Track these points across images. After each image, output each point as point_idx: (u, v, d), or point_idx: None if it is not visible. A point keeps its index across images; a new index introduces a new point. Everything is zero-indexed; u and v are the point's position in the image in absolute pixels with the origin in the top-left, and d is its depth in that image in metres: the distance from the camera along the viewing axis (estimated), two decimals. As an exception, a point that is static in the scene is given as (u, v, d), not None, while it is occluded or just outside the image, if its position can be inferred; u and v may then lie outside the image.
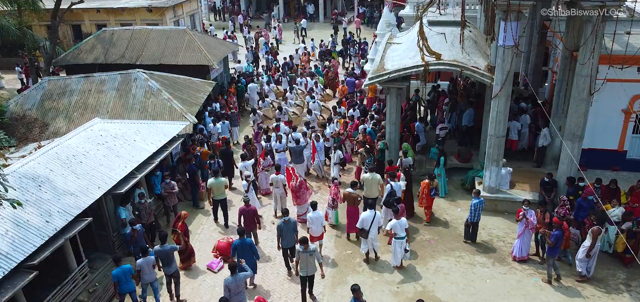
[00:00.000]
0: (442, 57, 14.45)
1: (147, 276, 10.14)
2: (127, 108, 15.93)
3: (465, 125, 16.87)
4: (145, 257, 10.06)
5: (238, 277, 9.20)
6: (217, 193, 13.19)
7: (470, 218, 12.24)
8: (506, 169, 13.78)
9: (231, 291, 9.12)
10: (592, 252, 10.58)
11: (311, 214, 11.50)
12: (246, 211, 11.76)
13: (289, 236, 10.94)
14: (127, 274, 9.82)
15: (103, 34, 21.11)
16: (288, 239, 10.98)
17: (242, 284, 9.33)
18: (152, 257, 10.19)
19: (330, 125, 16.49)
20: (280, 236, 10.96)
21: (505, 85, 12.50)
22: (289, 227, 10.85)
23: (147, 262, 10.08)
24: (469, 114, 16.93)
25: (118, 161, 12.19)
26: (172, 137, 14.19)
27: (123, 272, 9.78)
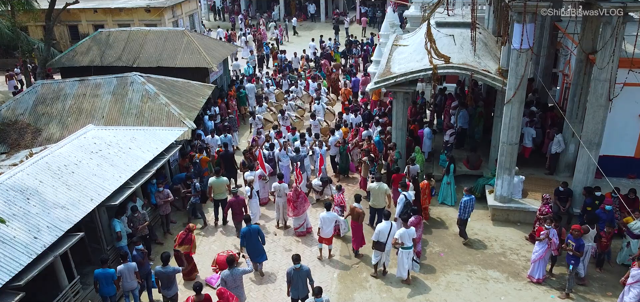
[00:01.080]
0: (451, 60, 13.87)
1: (128, 284, 9.89)
2: (123, 113, 15.33)
3: (461, 127, 16.50)
4: (126, 263, 9.86)
5: (235, 271, 9.21)
6: (218, 192, 13.08)
7: (460, 215, 12.22)
8: (518, 177, 13.18)
9: (228, 284, 9.00)
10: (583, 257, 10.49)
11: (323, 214, 11.25)
12: (235, 202, 12.03)
13: (300, 286, 9.46)
14: (109, 278, 9.75)
15: (99, 35, 20.50)
16: (299, 288, 9.50)
17: (240, 278, 9.39)
18: (133, 264, 9.96)
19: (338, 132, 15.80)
20: (289, 283, 9.58)
21: (519, 90, 11.90)
22: (301, 276, 9.38)
23: (128, 268, 9.84)
24: (464, 116, 16.53)
25: (112, 171, 11.59)
26: (169, 144, 13.60)
27: (104, 275, 9.73)
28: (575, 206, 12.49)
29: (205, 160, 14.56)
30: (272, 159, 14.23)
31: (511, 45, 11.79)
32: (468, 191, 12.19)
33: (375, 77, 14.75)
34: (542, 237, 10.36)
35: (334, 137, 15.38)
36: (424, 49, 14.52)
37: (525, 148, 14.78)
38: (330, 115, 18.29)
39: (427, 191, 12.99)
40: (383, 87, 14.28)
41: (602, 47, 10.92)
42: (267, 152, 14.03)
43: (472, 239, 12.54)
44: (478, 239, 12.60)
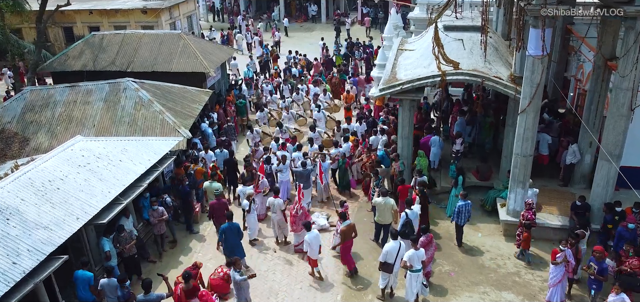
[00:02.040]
0: (461, 65, 13.14)
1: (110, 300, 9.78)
2: (115, 121, 14.61)
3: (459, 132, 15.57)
4: (109, 278, 9.72)
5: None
6: (212, 197, 12.55)
7: (456, 221, 11.97)
8: (532, 191, 12.42)
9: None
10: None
11: (308, 236, 10.55)
12: (217, 205, 11.89)
13: None
14: (85, 282, 9.59)
15: (92, 38, 19.77)
16: None
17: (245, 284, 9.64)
18: (115, 281, 9.73)
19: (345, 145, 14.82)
20: None
21: (534, 99, 11.17)
22: None
23: (110, 285, 9.69)
24: (461, 124, 15.85)
25: (101, 186, 10.86)
26: (163, 155, 12.87)
27: (82, 277, 9.61)
28: (593, 221, 11.77)
29: (200, 171, 13.81)
30: (270, 175, 13.36)
31: (526, 51, 11.07)
32: (463, 196, 11.81)
33: (381, 84, 14.02)
34: (558, 260, 9.61)
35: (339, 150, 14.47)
36: (431, 54, 13.80)
37: (541, 156, 14.02)
38: (332, 123, 17.45)
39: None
40: (389, 94, 13.55)
41: (624, 54, 10.19)
42: (266, 167, 13.16)
43: (483, 257, 11.82)
44: (490, 257, 11.87)
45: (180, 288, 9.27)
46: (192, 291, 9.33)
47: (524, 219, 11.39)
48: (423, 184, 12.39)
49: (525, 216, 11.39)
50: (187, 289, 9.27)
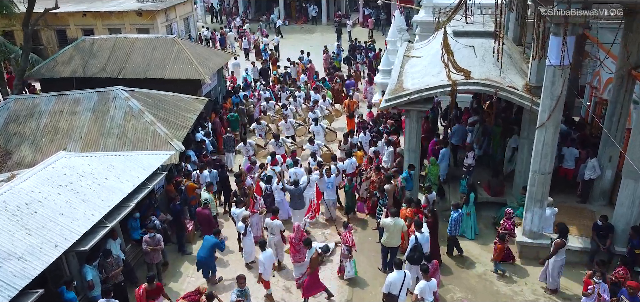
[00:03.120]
0: (472, 74, 12.26)
1: None
2: (104, 133, 13.73)
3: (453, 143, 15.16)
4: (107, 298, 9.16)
5: None
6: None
7: (450, 232, 11.51)
8: (551, 210, 11.56)
9: None
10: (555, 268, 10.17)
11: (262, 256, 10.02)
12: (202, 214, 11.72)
13: None
14: None
15: (82, 43, 18.88)
16: None
17: None
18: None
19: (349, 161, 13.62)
20: None
21: (555, 112, 10.29)
22: None
23: None
24: (459, 132, 15.13)
25: (84, 208, 9.98)
26: (153, 171, 11.99)
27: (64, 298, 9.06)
28: (617, 243, 10.90)
29: (192, 187, 12.92)
30: (269, 195, 12.30)
31: (546, 60, 10.18)
32: (455, 206, 11.40)
33: (386, 93, 13.12)
34: (589, 292, 8.74)
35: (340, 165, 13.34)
36: (440, 62, 12.93)
37: (564, 169, 13.15)
38: (332, 136, 16.43)
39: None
40: (395, 105, 12.67)
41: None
42: (263, 186, 12.21)
43: (497, 282, 10.94)
44: (505, 283, 10.99)
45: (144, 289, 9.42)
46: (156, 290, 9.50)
47: (501, 229, 11.14)
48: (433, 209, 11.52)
49: (503, 226, 11.16)
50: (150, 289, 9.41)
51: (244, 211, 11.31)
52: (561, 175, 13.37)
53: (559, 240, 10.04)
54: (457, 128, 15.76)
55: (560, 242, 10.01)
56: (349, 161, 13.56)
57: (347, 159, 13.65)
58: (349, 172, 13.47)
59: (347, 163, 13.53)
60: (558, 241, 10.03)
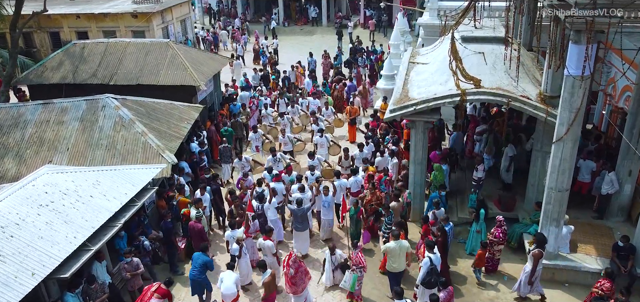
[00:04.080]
0: (483, 83, 11.53)
1: None
2: (92, 144, 13.00)
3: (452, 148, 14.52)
4: None
5: None
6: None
7: None
8: (567, 228, 10.83)
9: None
10: (534, 278, 9.84)
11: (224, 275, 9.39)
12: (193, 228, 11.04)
13: None
14: None
15: (73, 47, 18.13)
16: None
17: None
18: None
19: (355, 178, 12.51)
20: None
21: (574, 126, 9.54)
22: None
23: None
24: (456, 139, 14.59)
25: (65, 230, 9.24)
26: (143, 187, 11.25)
27: None
28: (638, 265, 10.16)
29: (184, 202, 12.17)
30: (262, 215, 11.39)
31: (564, 69, 9.43)
32: (445, 220, 10.78)
33: (391, 103, 12.39)
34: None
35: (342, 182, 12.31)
36: (448, 69, 12.20)
37: (579, 183, 12.41)
38: (336, 149, 15.52)
39: None
40: (401, 116, 11.93)
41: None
42: (255, 204, 11.37)
43: None
44: (520, 308, 10.27)
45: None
46: None
47: (493, 236, 10.76)
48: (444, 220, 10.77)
49: (493, 233, 10.78)
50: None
51: (238, 232, 10.55)
52: (575, 189, 12.63)
53: (537, 251, 9.68)
54: (456, 136, 14.97)
55: (538, 253, 9.66)
56: (353, 178, 12.49)
57: (352, 176, 12.60)
58: (354, 191, 12.43)
59: (351, 181, 12.46)
60: (536, 252, 9.67)
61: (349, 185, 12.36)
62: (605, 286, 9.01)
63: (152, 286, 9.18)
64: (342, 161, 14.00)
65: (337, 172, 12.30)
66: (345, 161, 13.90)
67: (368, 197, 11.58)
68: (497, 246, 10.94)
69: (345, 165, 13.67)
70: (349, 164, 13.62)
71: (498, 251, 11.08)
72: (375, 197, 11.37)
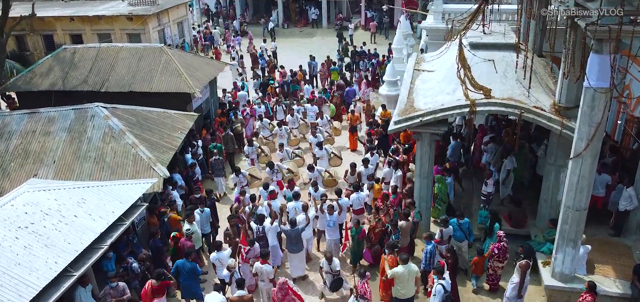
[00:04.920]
0: (493, 92, 10.86)
1: None
2: (79, 157, 12.33)
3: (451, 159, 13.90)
4: None
5: None
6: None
7: (425, 265, 10.18)
8: (584, 248, 10.16)
9: None
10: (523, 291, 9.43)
11: None
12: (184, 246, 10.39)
13: None
14: None
15: (62, 53, 17.45)
16: None
17: None
18: None
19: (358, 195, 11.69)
20: None
21: (594, 141, 8.87)
22: None
23: None
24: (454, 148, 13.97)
25: (45, 255, 8.55)
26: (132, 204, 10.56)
27: None
28: (662, 289, 9.49)
29: (175, 219, 11.49)
30: (262, 237, 10.54)
31: (584, 81, 8.75)
32: (427, 237, 10.20)
33: (395, 114, 11.71)
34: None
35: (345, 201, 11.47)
36: (456, 78, 11.53)
37: (595, 197, 11.72)
38: (336, 161, 14.77)
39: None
40: (406, 128, 11.25)
41: None
42: (255, 227, 10.68)
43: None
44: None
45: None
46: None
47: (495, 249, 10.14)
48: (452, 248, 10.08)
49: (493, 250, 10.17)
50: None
51: (224, 254, 9.84)
52: (590, 204, 11.92)
53: (524, 262, 9.33)
54: (454, 145, 14.23)
55: (525, 265, 9.30)
56: (356, 195, 11.65)
57: (353, 193, 11.80)
58: (356, 208, 11.68)
59: (353, 198, 11.63)
60: (523, 263, 9.32)
61: (351, 202, 11.60)
62: (587, 299, 8.78)
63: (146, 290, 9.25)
64: (347, 176, 13.08)
65: (339, 190, 11.51)
66: (350, 177, 12.95)
67: (372, 223, 10.77)
68: (496, 261, 10.29)
69: (351, 181, 12.82)
70: (355, 180, 12.79)
71: (499, 267, 10.41)
72: (380, 223, 10.58)
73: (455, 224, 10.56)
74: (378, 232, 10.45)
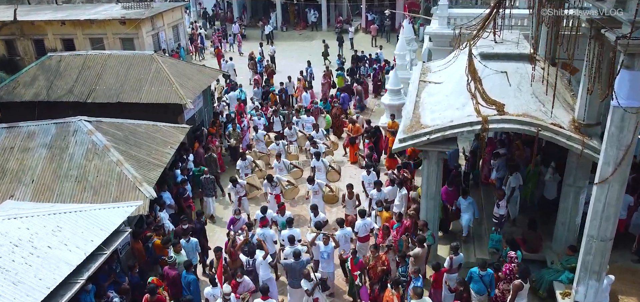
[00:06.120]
0: (507, 107, 9.98)
1: None
2: (60, 176, 11.47)
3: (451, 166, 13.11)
4: None
5: None
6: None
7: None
8: (608, 279, 9.27)
9: None
10: None
11: None
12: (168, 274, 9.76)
13: None
14: None
15: (48, 61, 16.58)
16: None
17: None
18: None
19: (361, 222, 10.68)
20: None
21: (622, 165, 7.98)
22: None
23: None
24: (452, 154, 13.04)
25: (13, 294, 7.68)
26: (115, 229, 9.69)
27: None
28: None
29: (160, 246, 10.60)
30: (252, 272, 9.62)
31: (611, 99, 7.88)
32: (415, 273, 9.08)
33: (400, 130, 10.83)
34: None
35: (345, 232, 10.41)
36: (465, 91, 10.68)
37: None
38: (335, 175, 13.88)
39: None
40: (413, 146, 10.38)
41: None
42: (244, 260, 9.70)
43: None
44: None
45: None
46: None
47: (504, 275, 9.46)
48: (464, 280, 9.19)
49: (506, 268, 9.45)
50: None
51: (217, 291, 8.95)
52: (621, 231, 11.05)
53: (518, 282, 8.95)
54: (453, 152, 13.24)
55: (518, 285, 8.94)
56: (361, 221, 10.63)
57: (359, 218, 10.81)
58: (362, 235, 10.70)
59: (359, 225, 10.63)
60: (516, 284, 8.95)
61: (357, 229, 10.62)
62: None
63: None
64: (345, 200, 12.00)
65: (340, 221, 10.46)
66: (349, 200, 11.92)
67: (371, 264, 9.63)
68: (505, 284, 9.43)
69: (351, 205, 11.87)
70: (355, 203, 11.89)
71: (507, 291, 9.50)
72: (380, 261, 9.53)
73: (476, 275, 9.39)
74: (379, 272, 9.49)
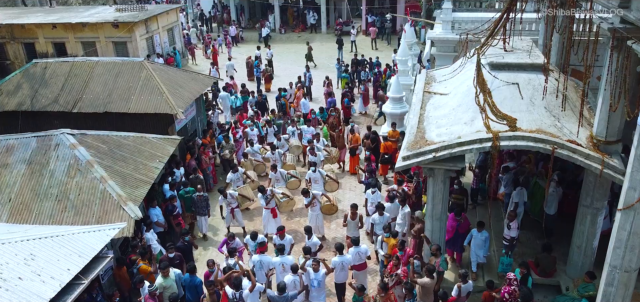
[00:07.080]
0: (519, 122, 9.25)
1: None
2: (40, 194, 10.71)
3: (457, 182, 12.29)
4: None
5: None
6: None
7: None
8: (628, 310, 8.51)
9: None
10: None
11: None
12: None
13: None
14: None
15: (33, 68, 15.82)
16: None
17: None
18: None
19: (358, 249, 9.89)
20: None
21: (650, 191, 7.24)
22: None
23: None
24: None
25: (-25, 335, 6.94)
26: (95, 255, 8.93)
27: None
28: None
29: (145, 270, 9.85)
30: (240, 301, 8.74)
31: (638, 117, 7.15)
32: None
33: (404, 147, 10.09)
34: None
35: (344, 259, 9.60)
36: (473, 104, 9.94)
37: None
38: (333, 185, 13.15)
39: None
40: (417, 164, 9.63)
41: None
42: (230, 293, 8.59)
43: None
44: None
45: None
46: None
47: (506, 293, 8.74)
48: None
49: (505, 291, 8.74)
50: None
51: None
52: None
53: None
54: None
55: None
56: (355, 249, 9.87)
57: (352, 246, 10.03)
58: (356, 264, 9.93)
59: (351, 252, 9.86)
60: None
61: (350, 256, 9.80)
62: None
63: None
64: (347, 220, 11.10)
65: (340, 246, 9.72)
66: (351, 221, 11.04)
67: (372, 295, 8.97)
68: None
69: (353, 226, 11.04)
70: (357, 224, 11.10)
71: None
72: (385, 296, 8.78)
73: None
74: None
